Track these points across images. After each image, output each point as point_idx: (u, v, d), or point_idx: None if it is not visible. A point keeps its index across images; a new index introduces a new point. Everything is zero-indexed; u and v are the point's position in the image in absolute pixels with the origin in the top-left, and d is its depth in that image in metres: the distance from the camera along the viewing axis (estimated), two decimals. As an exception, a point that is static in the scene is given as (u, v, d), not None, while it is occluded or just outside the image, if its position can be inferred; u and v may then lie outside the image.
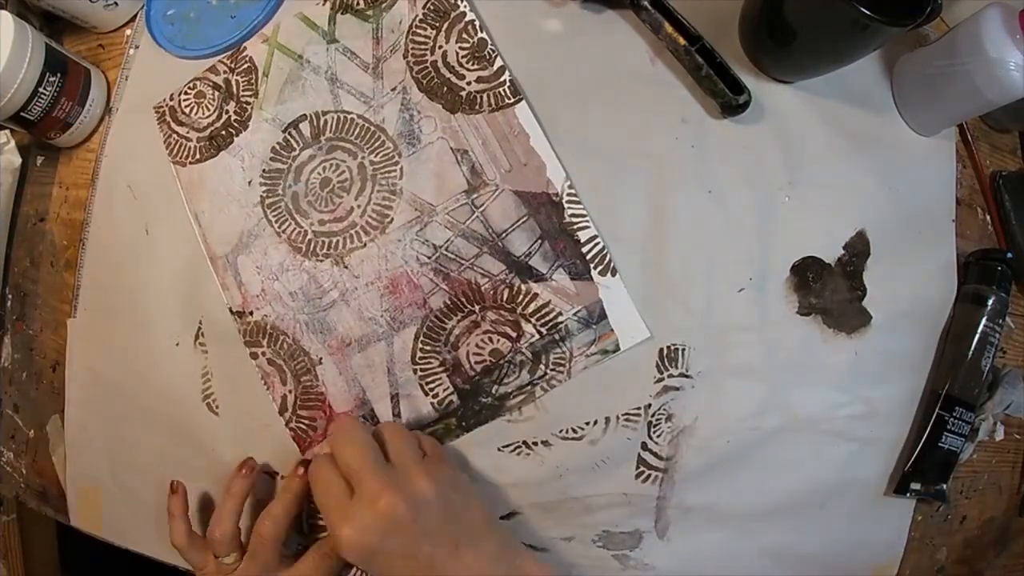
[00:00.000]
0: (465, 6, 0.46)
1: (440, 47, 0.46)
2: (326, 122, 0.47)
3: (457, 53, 0.46)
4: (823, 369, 0.44)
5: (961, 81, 0.42)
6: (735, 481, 0.43)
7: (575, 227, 0.43)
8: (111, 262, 0.49)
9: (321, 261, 0.46)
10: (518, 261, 0.44)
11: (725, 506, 0.44)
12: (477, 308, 0.44)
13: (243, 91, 0.49)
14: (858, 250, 0.45)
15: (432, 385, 0.44)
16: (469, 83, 0.46)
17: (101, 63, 0.52)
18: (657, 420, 0.43)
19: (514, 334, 0.43)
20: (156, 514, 0.46)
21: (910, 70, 0.46)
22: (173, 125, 0.49)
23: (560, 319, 0.43)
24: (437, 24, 0.47)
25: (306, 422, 0.45)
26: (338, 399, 0.45)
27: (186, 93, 0.50)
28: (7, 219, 0.52)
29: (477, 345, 0.43)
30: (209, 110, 0.49)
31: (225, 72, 0.49)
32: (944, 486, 0.44)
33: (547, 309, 0.43)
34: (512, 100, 0.45)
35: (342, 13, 0.48)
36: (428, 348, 0.44)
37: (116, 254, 0.48)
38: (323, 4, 0.49)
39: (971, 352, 0.44)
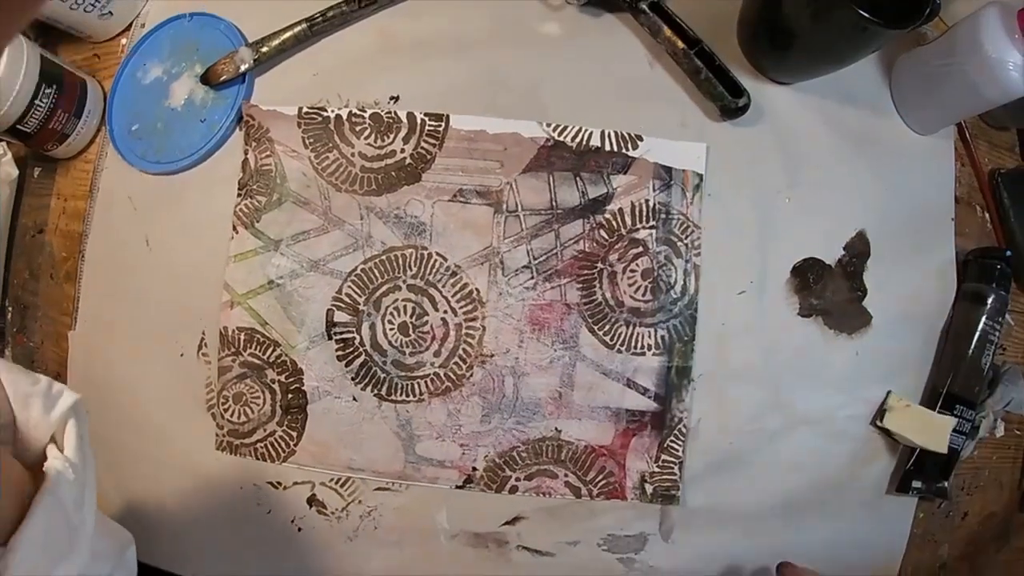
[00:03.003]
0: (332, 108, 0.45)
1: (351, 155, 0.45)
2: (353, 283, 0.45)
3: (369, 143, 0.45)
4: (824, 370, 0.44)
5: (960, 80, 0.42)
6: (738, 482, 0.44)
7: (586, 141, 0.44)
8: (111, 274, 0.48)
9: (472, 374, 0.44)
10: (583, 205, 0.44)
11: (728, 507, 0.44)
12: (600, 265, 0.44)
13: (253, 348, 0.45)
14: (858, 250, 0.45)
15: (643, 345, 0.43)
16: (403, 150, 0.45)
17: (97, 73, 0.51)
18: (661, 424, 0.43)
19: (641, 248, 0.44)
20: (158, 524, 0.46)
21: (909, 69, 0.46)
22: None
23: (650, 203, 0.44)
24: (330, 143, 0.45)
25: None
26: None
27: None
28: (5, 231, 0.52)
29: (630, 284, 0.44)
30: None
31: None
32: (946, 483, 0.44)
33: (637, 209, 0.44)
34: (442, 123, 0.45)
35: (257, 222, 0.45)
36: (608, 327, 0.44)
37: (116, 266, 0.48)
38: (235, 232, 0.46)
39: (971, 350, 0.44)
